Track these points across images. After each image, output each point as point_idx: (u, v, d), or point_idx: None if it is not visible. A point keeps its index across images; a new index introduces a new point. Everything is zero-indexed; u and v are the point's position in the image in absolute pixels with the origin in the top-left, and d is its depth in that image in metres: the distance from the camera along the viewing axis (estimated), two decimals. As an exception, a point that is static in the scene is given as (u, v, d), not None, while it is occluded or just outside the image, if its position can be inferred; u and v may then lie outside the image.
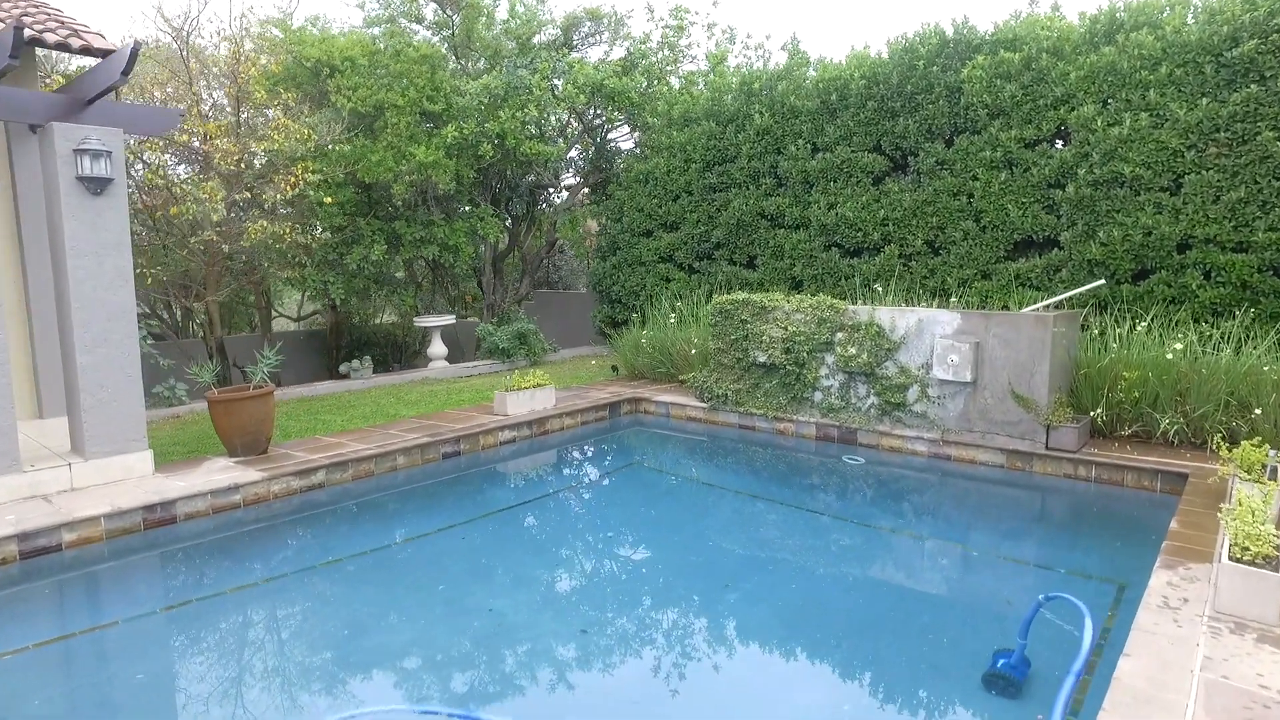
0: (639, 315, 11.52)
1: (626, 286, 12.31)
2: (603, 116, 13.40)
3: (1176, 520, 4.57)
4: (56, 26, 6.49)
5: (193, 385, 9.67)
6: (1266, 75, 6.61)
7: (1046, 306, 7.34)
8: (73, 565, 4.80)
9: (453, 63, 13.26)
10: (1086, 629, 3.48)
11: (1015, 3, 28.23)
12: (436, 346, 12.46)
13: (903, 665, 3.68)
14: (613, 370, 10.90)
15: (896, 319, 7.00)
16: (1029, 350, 6.24)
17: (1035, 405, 6.23)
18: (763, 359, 7.85)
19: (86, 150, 5.28)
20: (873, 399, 7.20)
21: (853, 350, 7.16)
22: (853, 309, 7.30)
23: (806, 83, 9.90)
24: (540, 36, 13.56)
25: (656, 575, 4.94)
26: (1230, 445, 5.60)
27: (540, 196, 15.04)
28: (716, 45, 13.56)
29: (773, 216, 10.33)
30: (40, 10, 6.82)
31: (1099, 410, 6.41)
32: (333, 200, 10.85)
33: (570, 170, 14.83)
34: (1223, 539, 3.73)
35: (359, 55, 11.20)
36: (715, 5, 20.71)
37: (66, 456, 5.66)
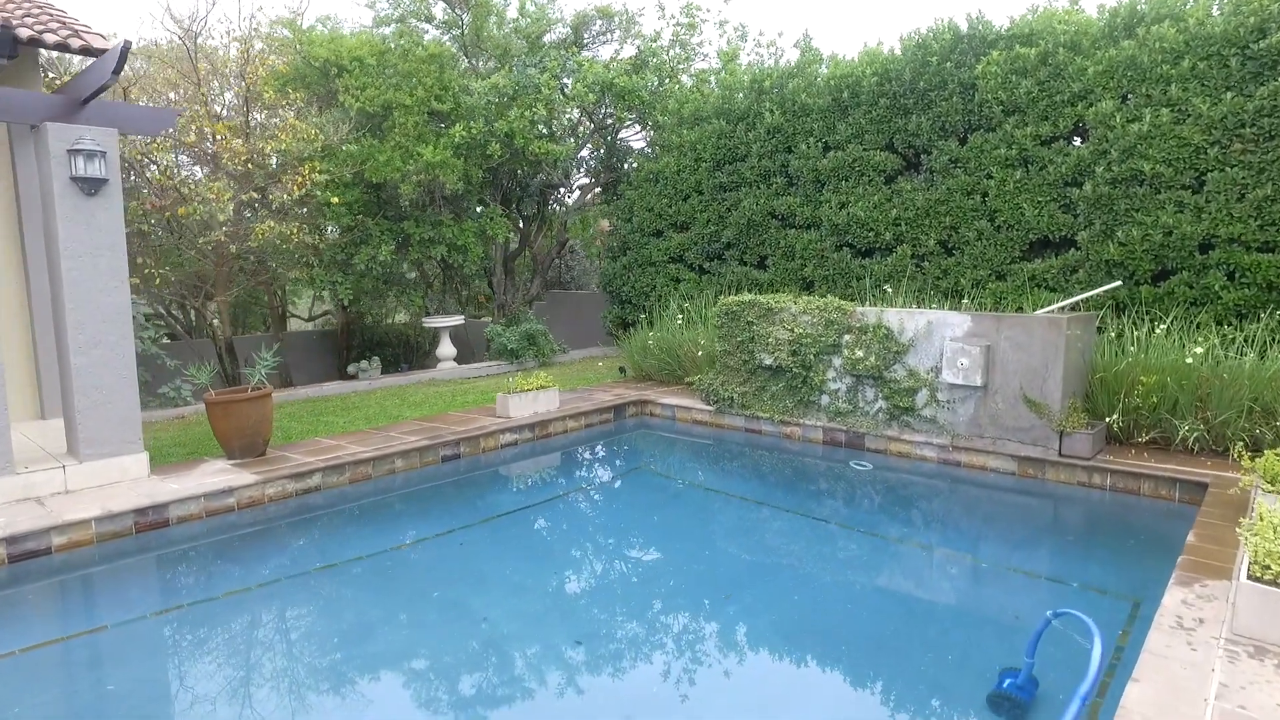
0: (646, 316, 11.39)
1: (636, 287, 12.19)
2: (613, 115, 13.29)
3: (1194, 533, 4.36)
4: (58, 28, 6.48)
5: (200, 386, 9.68)
6: (1294, 68, 6.36)
7: (1061, 308, 7.12)
8: (62, 569, 4.76)
9: (463, 62, 13.21)
10: (1096, 648, 3.29)
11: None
12: (445, 347, 12.42)
13: (905, 683, 3.54)
14: (620, 372, 10.78)
15: (905, 321, 6.81)
16: (1042, 353, 6.03)
17: (1048, 410, 6.03)
18: (769, 361, 7.69)
19: (80, 150, 5.24)
20: (881, 403, 7.02)
21: (860, 353, 6.99)
22: (860, 310, 7.13)
23: (818, 80, 9.73)
24: (550, 35, 13.48)
25: (656, 585, 4.81)
26: (1253, 454, 5.38)
27: (551, 196, 14.95)
28: (728, 43, 13.41)
29: (783, 216, 10.16)
30: (43, 11, 6.83)
31: (1115, 416, 6.19)
32: (340, 200, 10.83)
33: (581, 170, 14.73)
34: (1242, 556, 3.53)
35: (367, 55, 11.17)
36: (727, 3, 20.60)
37: (62, 458, 5.64)
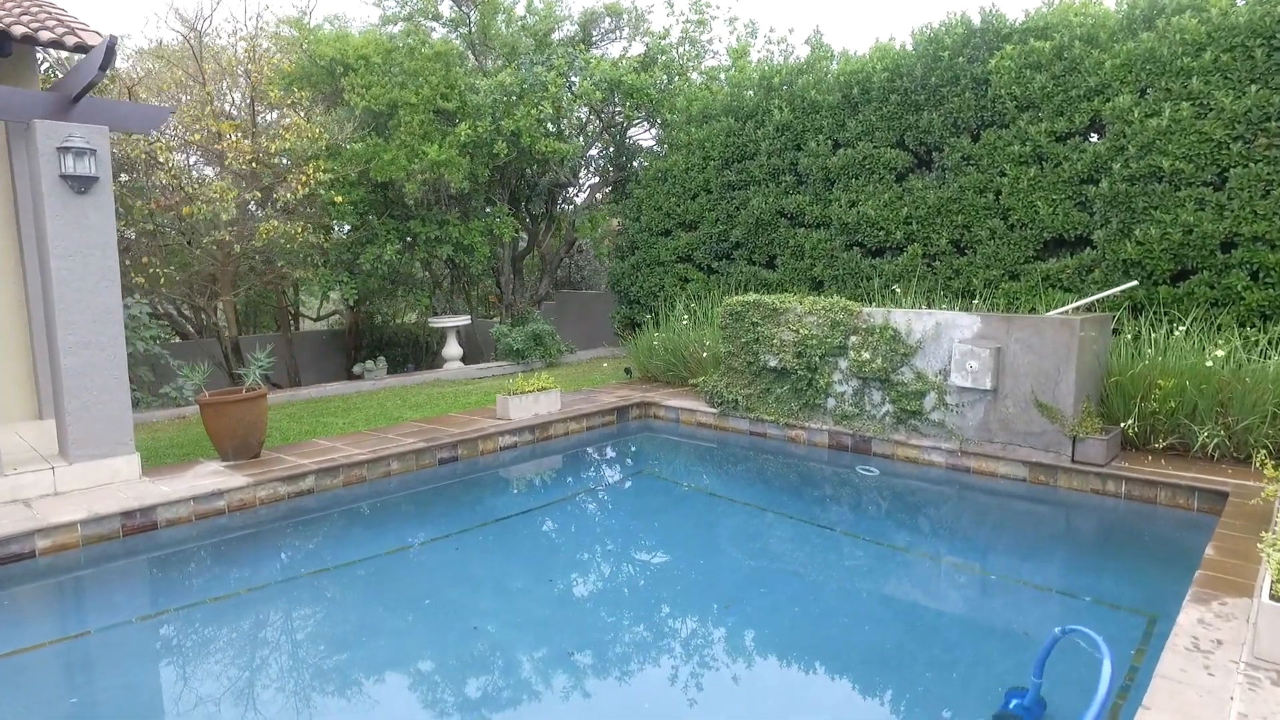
0: (652, 316, 11.24)
1: (645, 287, 12.03)
2: (622, 113, 13.15)
3: (1213, 546, 4.15)
4: (54, 25, 6.43)
5: (196, 386, 9.64)
6: (1322, 59, 6.11)
7: (1076, 309, 6.89)
8: (46, 573, 4.69)
9: (471, 60, 13.12)
10: (1105, 670, 3.10)
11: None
12: (451, 347, 12.33)
13: (909, 702, 3.39)
14: (626, 373, 10.64)
15: (913, 322, 6.62)
16: (1054, 356, 5.82)
17: (1060, 415, 5.82)
18: (774, 363, 7.52)
19: (70, 148, 5.17)
20: (888, 406, 6.82)
21: (867, 355, 6.80)
22: (867, 311, 6.94)
23: (828, 76, 9.53)
24: (559, 33, 13.37)
25: (652, 594, 4.67)
26: (1277, 462, 5.13)
27: (560, 195, 14.84)
28: (738, 40, 13.23)
29: (792, 215, 9.98)
30: (41, 10, 6.78)
31: (1131, 421, 5.97)
32: (344, 200, 10.76)
33: (590, 169, 14.61)
34: (1264, 573, 3.33)
35: (373, 53, 11.10)
36: None
37: (52, 460, 5.57)
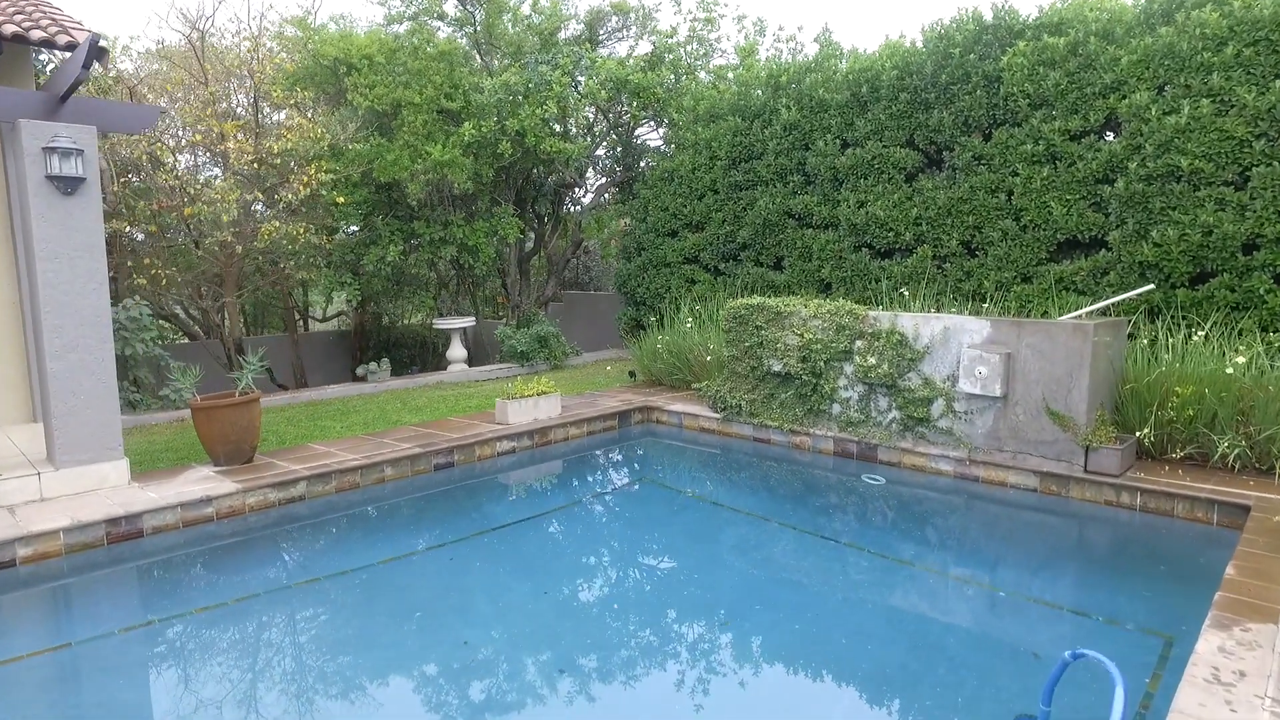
0: (658, 318, 11.08)
1: (651, 288, 11.88)
2: (628, 113, 13.00)
3: (1234, 565, 3.95)
4: (48, 24, 6.35)
5: (201, 387, 9.58)
6: (1349, 54, 5.87)
7: (1090, 313, 6.67)
8: (27, 582, 4.59)
9: (476, 60, 13.02)
10: (1118, 699, 2.92)
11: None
12: (455, 349, 12.23)
13: (908, 727, 3.22)
14: (630, 376, 10.49)
15: (920, 326, 6.43)
16: (1066, 362, 5.62)
17: (1073, 423, 5.61)
18: (778, 368, 7.34)
19: (56, 149, 5.08)
20: (894, 413, 6.63)
21: (873, 360, 6.61)
22: (873, 315, 6.75)
23: (836, 75, 9.34)
24: (565, 32, 13.23)
25: (648, 609, 4.51)
26: (1301, 474, 4.93)
27: (566, 196, 14.71)
28: (746, 38, 13.05)
29: (800, 216, 9.79)
30: (35, 9, 6.71)
31: (1146, 430, 5.75)
32: (346, 200, 10.67)
33: (597, 169, 14.47)
34: (1288, 596, 3.14)
35: (377, 53, 11.01)
36: (748, -3, 20.15)
37: (39, 465, 5.49)
